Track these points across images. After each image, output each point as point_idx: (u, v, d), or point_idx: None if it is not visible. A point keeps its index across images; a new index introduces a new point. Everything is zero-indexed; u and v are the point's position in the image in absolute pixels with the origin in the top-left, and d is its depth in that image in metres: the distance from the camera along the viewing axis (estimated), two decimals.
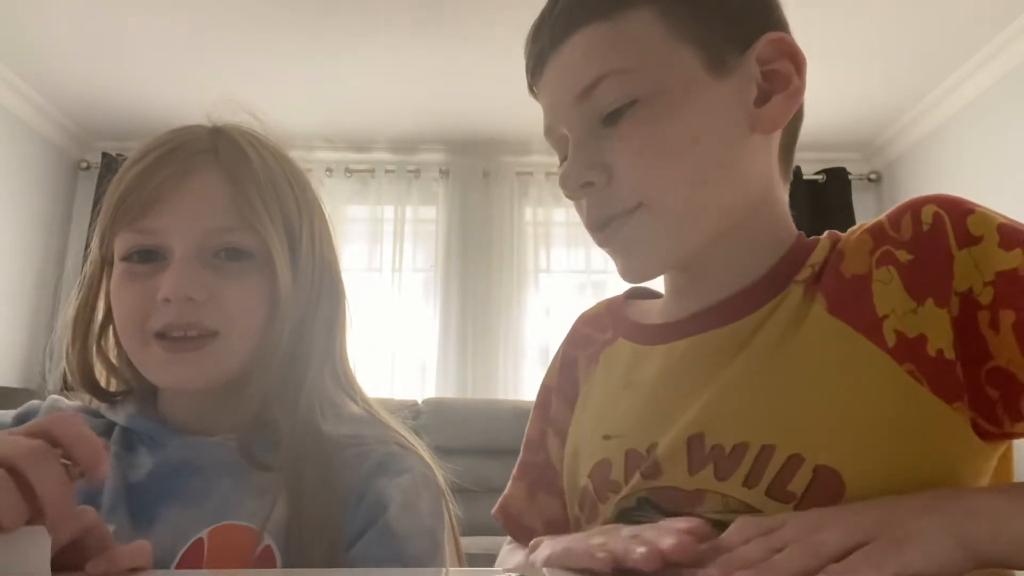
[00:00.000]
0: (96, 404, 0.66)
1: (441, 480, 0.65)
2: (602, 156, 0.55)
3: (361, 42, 2.49)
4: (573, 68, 0.56)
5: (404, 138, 3.18)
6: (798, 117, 0.62)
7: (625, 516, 0.54)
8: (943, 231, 0.49)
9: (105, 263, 0.64)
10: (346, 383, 0.67)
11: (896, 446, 0.48)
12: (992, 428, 0.48)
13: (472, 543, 0.88)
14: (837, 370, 0.50)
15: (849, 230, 0.57)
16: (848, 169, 3.21)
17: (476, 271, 3.18)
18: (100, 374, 0.66)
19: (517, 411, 2.88)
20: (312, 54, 2.57)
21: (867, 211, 3.21)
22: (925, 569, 0.38)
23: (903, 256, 0.51)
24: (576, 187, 0.56)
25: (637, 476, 0.54)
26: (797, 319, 0.54)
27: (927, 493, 0.45)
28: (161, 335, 0.59)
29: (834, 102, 2.84)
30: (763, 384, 0.52)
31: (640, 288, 0.70)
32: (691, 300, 0.60)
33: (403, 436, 0.65)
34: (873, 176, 3.25)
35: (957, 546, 0.39)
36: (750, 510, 0.49)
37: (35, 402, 0.68)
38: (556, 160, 0.61)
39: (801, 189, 3.14)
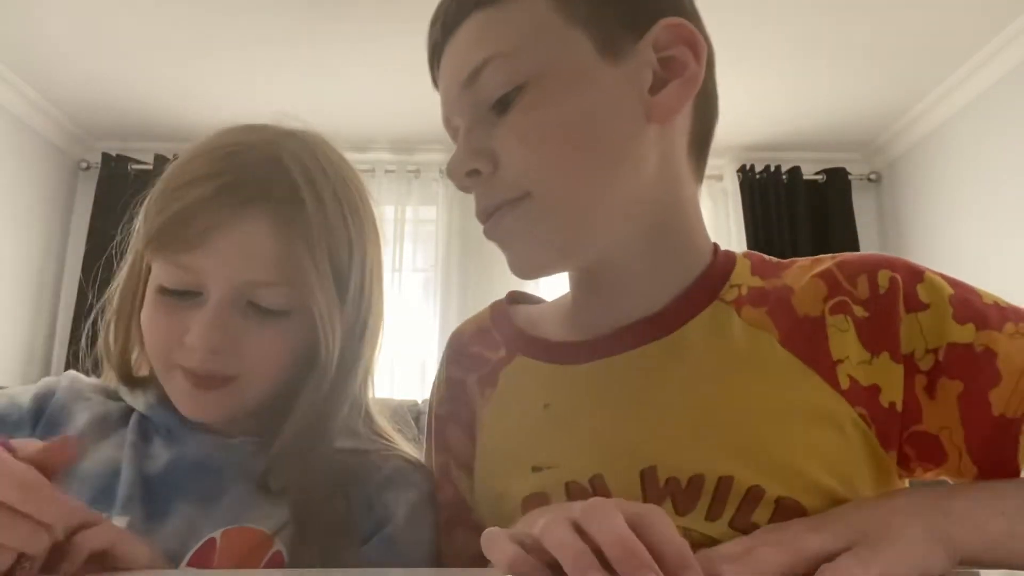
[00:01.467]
0: (115, 385, 0.65)
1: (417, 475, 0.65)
2: (489, 143, 0.52)
3: (362, 42, 2.49)
4: (461, 54, 0.54)
5: (404, 138, 3.18)
6: (709, 112, 0.58)
7: None
8: (895, 298, 0.50)
9: (145, 262, 0.63)
10: (364, 407, 0.67)
11: (848, 482, 0.49)
12: (905, 473, 0.52)
13: None
14: (792, 404, 0.50)
15: (776, 263, 0.57)
16: (848, 169, 3.21)
17: (476, 271, 3.17)
18: (136, 358, 0.66)
19: None
20: (312, 54, 2.57)
21: (867, 211, 3.21)
22: (909, 569, 0.39)
23: (859, 312, 0.51)
24: (461, 175, 0.53)
25: None
26: (736, 340, 0.52)
27: (909, 496, 0.46)
28: (184, 367, 0.58)
29: (834, 102, 2.84)
30: (713, 410, 0.50)
31: (519, 293, 0.68)
32: (607, 312, 0.56)
33: (410, 454, 0.66)
34: (873, 176, 3.25)
35: (938, 547, 0.41)
36: (714, 543, 0.46)
37: (51, 379, 0.67)
38: None
39: (801, 189, 3.14)
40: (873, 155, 3.24)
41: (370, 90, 2.79)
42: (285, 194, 0.57)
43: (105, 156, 3.18)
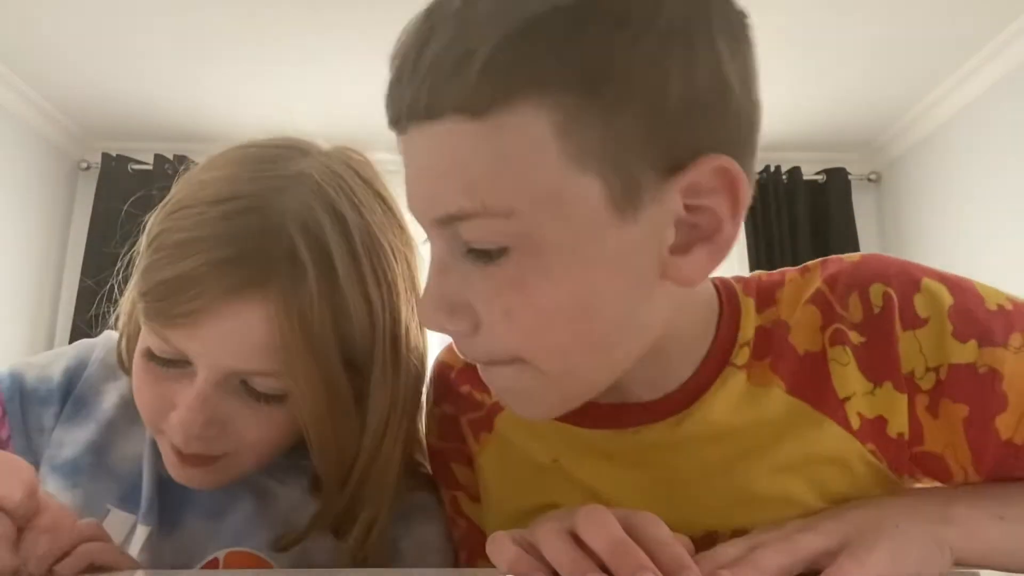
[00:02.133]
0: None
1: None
2: (466, 295, 0.43)
3: (362, 41, 2.49)
4: (432, 178, 0.42)
5: None
6: None
7: None
8: (891, 317, 0.46)
9: None
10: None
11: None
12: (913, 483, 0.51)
13: None
14: (804, 455, 0.48)
15: (768, 285, 0.51)
16: (848, 169, 3.20)
17: None
18: None
19: None
20: (312, 54, 2.57)
21: (867, 211, 3.21)
22: (906, 570, 0.39)
23: (855, 338, 0.47)
24: (437, 330, 0.46)
25: None
26: (752, 403, 0.49)
27: (908, 499, 0.47)
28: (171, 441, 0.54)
29: (834, 102, 2.84)
30: (723, 477, 0.48)
31: None
32: (612, 393, 0.49)
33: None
34: (873, 176, 3.25)
35: (936, 551, 0.42)
36: None
37: (87, 345, 0.65)
38: None
39: (801, 189, 3.14)
40: (873, 155, 3.24)
41: (370, 90, 2.78)
42: (285, 269, 0.49)
43: (105, 156, 3.17)
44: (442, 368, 0.61)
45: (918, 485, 0.52)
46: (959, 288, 0.47)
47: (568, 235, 0.40)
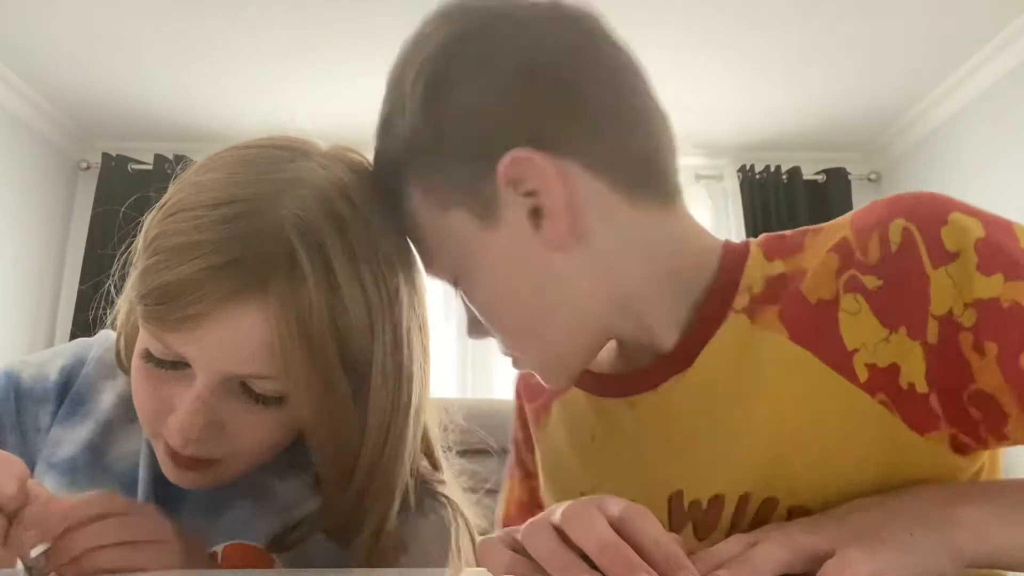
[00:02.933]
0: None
1: (462, 521, 0.64)
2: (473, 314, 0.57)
3: (362, 42, 2.49)
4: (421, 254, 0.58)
5: None
6: (623, 139, 0.52)
7: None
8: (915, 250, 0.45)
9: None
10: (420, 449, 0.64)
11: (868, 479, 0.46)
12: (973, 443, 0.46)
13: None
14: (805, 406, 0.47)
15: (801, 232, 0.52)
16: (848, 169, 3.20)
17: None
18: None
19: None
20: (312, 54, 2.57)
21: None
22: (910, 569, 0.38)
23: (871, 282, 0.46)
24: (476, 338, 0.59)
25: None
26: (752, 352, 0.49)
27: (915, 499, 0.44)
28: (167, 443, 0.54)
29: (834, 102, 2.84)
30: (730, 429, 0.49)
31: None
32: (637, 353, 0.56)
33: (440, 487, 0.64)
34: (873, 176, 3.25)
35: (942, 554, 0.40)
36: None
37: (84, 344, 0.65)
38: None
39: (801, 189, 3.14)
40: (873, 155, 3.24)
41: (370, 90, 2.79)
42: (283, 274, 0.49)
43: (105, 156, 3.17)
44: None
45: (952, 450, 0.47)
46: (994, 224, 0.45)
47: (469, 259, 0.52)
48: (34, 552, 0.41)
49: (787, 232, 0.53)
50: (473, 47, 0.51)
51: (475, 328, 0.57)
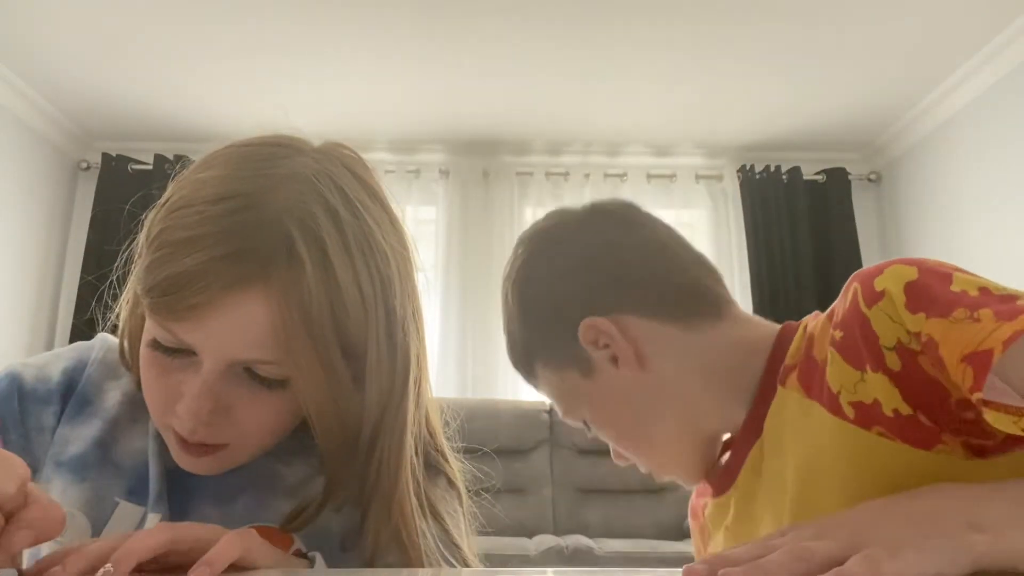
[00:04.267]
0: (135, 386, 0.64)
1: (462, 486, 0.67)
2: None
3: (361, 42, 2.49)
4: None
5: (404, 138, 3.18)
6: (647, 277, 0.69)
7: None
8: (856, 302, 0.52)
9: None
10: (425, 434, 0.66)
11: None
12: (986, 441, 0.49)
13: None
14: (818, 450, 0.54)
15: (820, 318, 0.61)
16: (848, 169, 3.21)
17: (476, 271, 3.17)
18: None
19: (516, 411, 2.89)
20: (312, 54, 2.57)
21: (867, 211, 3.21)
22: (927, 570, 0.38)
23: (837, 335, 0.54)
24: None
25: None
26: (782, 412, 0.60)
27: (933, 501, 0.44)
28: (176, 430, 0.56)
29: (834, 102, 2.84)
30: (774, 495, 0.59)
31: None
32: (720, 443, 0.69)
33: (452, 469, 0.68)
34: (873, 176, 3.25)
35: (955, 553, 0.39)
36: None
37: (84, 346, 0.66)
38: (556, 160, 0.65)
39: (801, 189, 3.14)
40: (873, 155, 3.24)
41: (370, 90, 2.79)
42: (284, 263, 0.51)
43: (105, 156, 3.18)
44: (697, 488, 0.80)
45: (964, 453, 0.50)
46: (932, 272, 0.51)
47: (587, 403, 0.69)
48: (26, 556, 0.41)
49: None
50: (542, 256, 0.71)
51: (616, 455, 0.71)
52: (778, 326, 0.66)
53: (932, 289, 0.49)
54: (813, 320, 0.62)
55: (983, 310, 0.47)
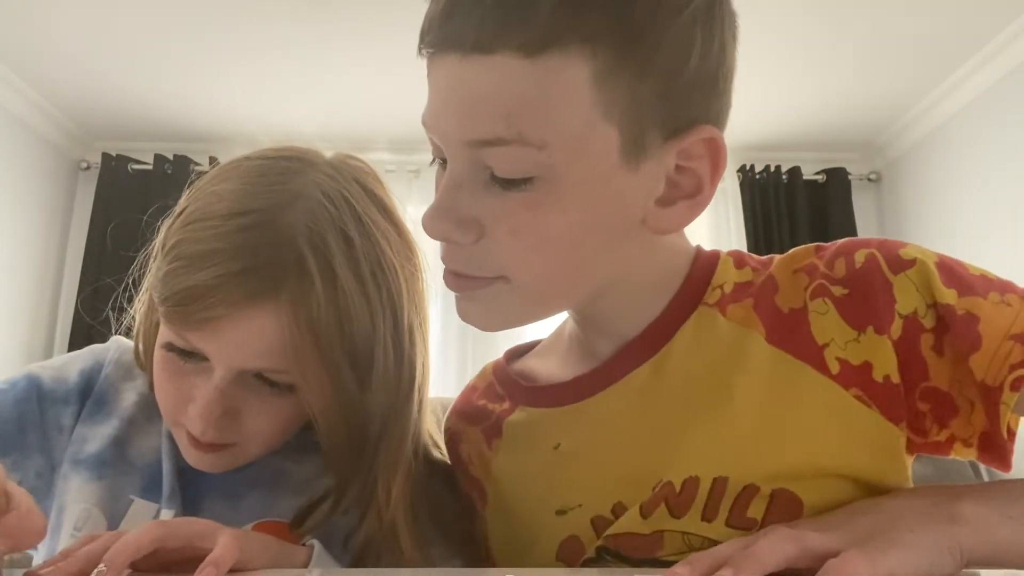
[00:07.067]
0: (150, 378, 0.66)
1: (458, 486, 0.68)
2: (477, 212, 0.48)
3: (361, 42, 2.49)
4: (472, 104, 0.46)
5: (404, 138, 3.18)
6: None
7: (585, 567, 0.53)
8: (876, 265, 0.50)
9: None
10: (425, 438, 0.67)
11: (848, 465, 0.49)
12: (918, 438, 0.51)
13: None
14: (782, 397, 0.50)
15: (777, 261, 0.55)
16: (848, 169, 3.20)
17: None
18: None
19: None
20: (312, 54, 2.57)
21: (867, 211, 3.21)
22: (915, 570, 0.39)
23: (838, 291, 0.51)
24: (439, 239, 0.51)
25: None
26: (726, 343, 0.52)
27: (916, 499, 0.46)
28: (187, 429, 0.58)
29: (834, 102, 2.84)
30: (706, 416, 0.51)
31: (516, 348, 0.68)
32: (599, 346, 0.57)
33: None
34: (873, 176, 3.25)
35: (946, 553, 0.41)
36: (712, 544, 0.47)
37: (99, 348, 0.68)
38: None
39: (801, 189, 3.14)
40: (873, 155, 3.24)
41: (370, 90, 2.79)
42: (294, 279, 0.54)
43: (105, 156, 3.17)
44: (467, 390, 0.68)
45: (911, 468, 0.52)
46: (945, 256, 0.51)
47: (585, 175, 0.46)
48: (42, 551, 0.41)
49: (749, 255, 0.58)
50: (732, 18, 0.50)
51: (445, 232, 0.49)
52: (692, 245, 0.58)
53: (959, 270, 0.50)
54: (743, 256, 0.57)
55: (1010, 295, 0.49)
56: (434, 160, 0.54)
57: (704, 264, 0.56)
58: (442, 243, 0.51)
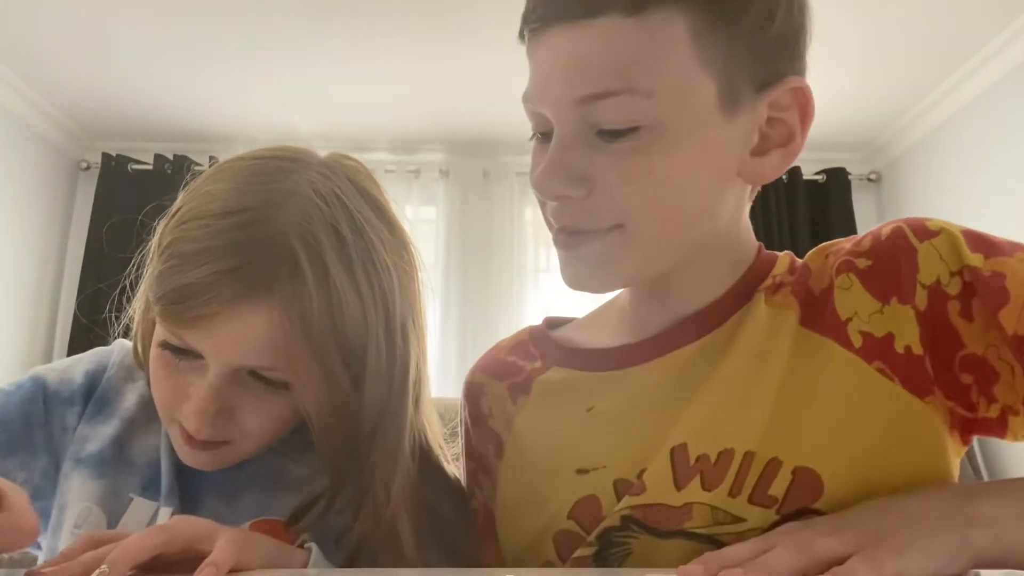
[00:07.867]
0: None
1: (458, 487, 0.68)
2: (587, 168, 0.51)
3: (361, 42, 2.49)
4: (582, 63, 0.49)
5: (404, 138, 3.18)
6: None
7: (607, 536, 0.53)
8: (902, 235, 0.52)
9: None
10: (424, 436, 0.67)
11: (870, 442, 0.49)
12: (968, 413, 0.50)
13: None
14: (808, 375, 0.51)
15: (812, 251, 0.59)
16: (848, 169, 3.20)
17: (476, 271, 3.17)
18: None
19: None
20: (312, 54, 2.57)
21: (867, 211, 3.21)
22: (924, 571, 0.38)
23: (862, 263, 0.53)
24: (552, 196, 0.52)
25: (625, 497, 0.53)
26: (768, 328, 0.54)
27: (931, 501, 0.45)
28: (182, 426, 0.59)
29: (834, 102, 2.84)
30: (741, 393, 0.52)
31: (556, 318, 0.68)
32: (653, 319, 0.58)
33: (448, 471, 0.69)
34: (873, 176, 3.25)
35: (959, 556, 0.40)
36: (736, 520, 0.49)
37: (103, 351, 0.70)
38: None
39: (801, 189, 3.14)
40: (873, 155, 3.24)
41: (370, 90, 2.79)
42: (287, 277, 0.54)
43: (105, 156, 3.17)
44: (495, 348, 0.69)
45: (947, 411, 0.50)
46: (968, 228, 0.52)
47: (687, 122, 0.49)
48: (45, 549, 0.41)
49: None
50: None
51: (560, 188, 0.51)
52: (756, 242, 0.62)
53: (987, 236, 0.51)
54: (794, 257, 0.60)
55: None
56: (533, 135, 0.56)
57: (766, 258, 0.59)
58: (553, 205, 0.53)
